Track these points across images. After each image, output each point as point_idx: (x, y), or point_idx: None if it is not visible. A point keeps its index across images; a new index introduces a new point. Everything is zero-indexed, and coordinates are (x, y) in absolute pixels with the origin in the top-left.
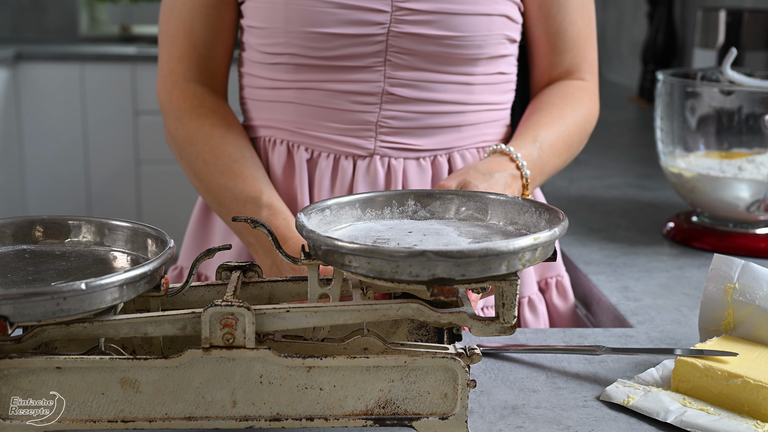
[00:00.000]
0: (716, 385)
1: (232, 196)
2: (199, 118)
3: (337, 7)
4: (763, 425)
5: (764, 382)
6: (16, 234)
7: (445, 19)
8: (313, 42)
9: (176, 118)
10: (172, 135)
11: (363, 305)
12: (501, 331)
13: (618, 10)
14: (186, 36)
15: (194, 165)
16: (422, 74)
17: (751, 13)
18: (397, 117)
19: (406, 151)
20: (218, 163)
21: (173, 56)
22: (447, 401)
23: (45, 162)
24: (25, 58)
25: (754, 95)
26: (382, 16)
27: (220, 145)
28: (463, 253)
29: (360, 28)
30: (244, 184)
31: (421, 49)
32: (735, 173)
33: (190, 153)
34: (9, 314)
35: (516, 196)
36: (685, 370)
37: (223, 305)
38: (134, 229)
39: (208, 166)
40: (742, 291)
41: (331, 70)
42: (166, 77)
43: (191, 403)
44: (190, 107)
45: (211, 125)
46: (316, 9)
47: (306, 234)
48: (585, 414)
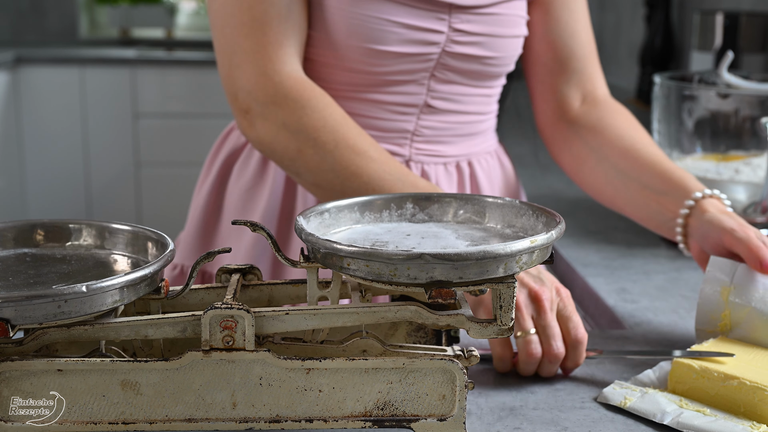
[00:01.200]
0: (712, 387)
1: (391, 179)
2: (327, 105)
3: (400, 27)
4: (759, 426)
5: (760, 383)
6: (17, 237)
7: (491, 41)
8: (370, 57)
9: (300, 107)
10: (292, 127)
11: (362, 308)
12: (498, 332)
13: (616, 13)
14: (282, 20)
15: (336, 151)
16: (458, 88)
17: (748, 16)
18: (431, 126)
19: (435, 157)
20: (372, 148)
21: (271, 43)
22: (445, 403)
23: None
24: (25, 62)
25: (750, 98)
26: (440, 37)
27: (360, 133)
28: (460, 256)
29: (418, 47)
30: (403, 172)
31: (465, 67)
32: (732, 176)
33: (327, 140)
34: (10, 317)
35: (513, 199)
36: (681, 372)
37: (223, 308)
38: (134, 232)
39: (356, 153)
40: (738, 293)
41: (380, 83)
42: (265, 67)
43: (191, 405)
44: (312, 95)
45: (342, 114)
46: (379, 27)
47: (305, 237)
48: (582, 415)
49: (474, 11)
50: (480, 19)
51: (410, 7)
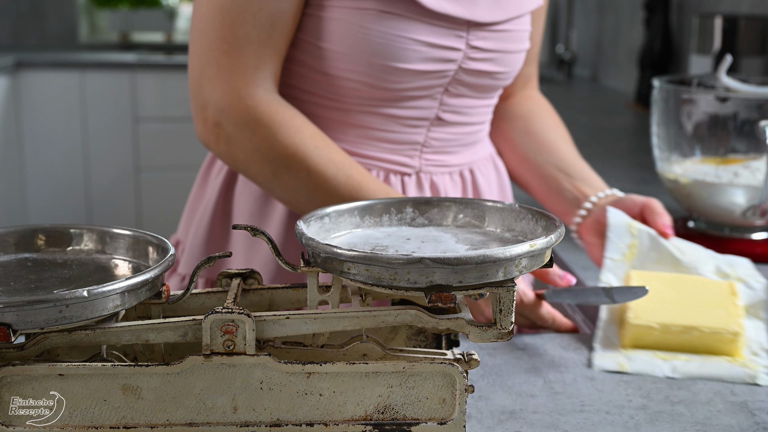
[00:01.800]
0: (674, 338)
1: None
2: (298, 130)
3: (422, 45)
4: (736, 360)
5: (716, 327)
6: (18, 243)
7: (502, 56)
8: (391, 75)
9: (272, 134)
10: (265, 152)
11: (362, 312)
12: (498, 336)
13: (615, 16)
14: (262, 44)
15: (309, 178)
16: (467, 101)
17: (747, 20)
18: (440, 138)
19: (442, 167)
20: (340, 174)
21: (248, 66)
22: (445, 406)
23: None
24: (25, 66)
25: (749, 101)
26: (457, 54)
27: (335, 154)
28: (460, 260)
29: (437, 64)
30: (377, 191)
31: (477, 82)
32: (731, 179)
33: (300, 167)
34: (12, 322)
35: (512, 203)
36: (641, 332)
37: (224, 312)
38: (135, 237)
39: (327, 179)
40: (645, 230)
41: (396, 99)
42: (239, 89)
43: (192, 410)
44: (283, 119)
45: (312, 136)
46: (403, 46)
47: (305, 241)
48: (582, 418)
49: (490, 28)
50: (494, 36)
51: (432, 25)
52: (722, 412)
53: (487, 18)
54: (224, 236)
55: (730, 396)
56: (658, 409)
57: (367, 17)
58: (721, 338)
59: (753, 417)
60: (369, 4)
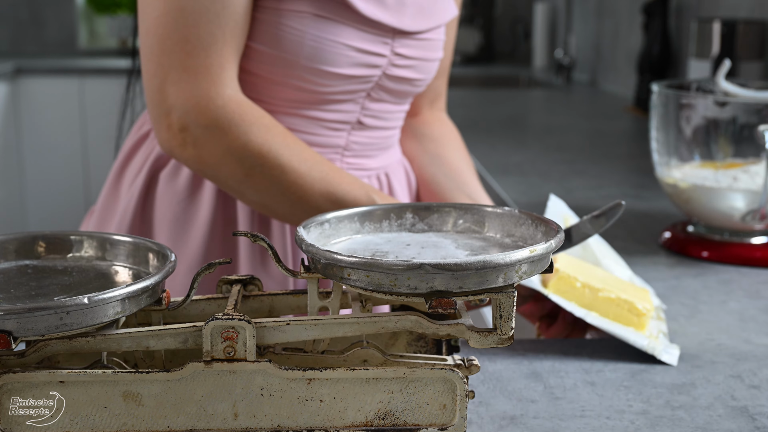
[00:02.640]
0: (591, 297)
1: (341, 199)
2: (269, 129)
3: (353, 50)
4: (644, 331)
5: (630, 300)
6: (18, 249)
7: (422, 64)
8: (320, 78)
9: (243, 133)
10: (237, 153)
11: (362, 318)
12: (499, 342)
13: (613, 21)
14: (226, 43)
15: (283, 176)
16: (386, 106)
17: (746, 24)
18: (360, 142)
19: (361, 171)
20: (314, 170)
21: (214, 66)
22: (446, 412)
23: (45, 175)
24: (25, 72)
25: (748, 106)
26: (382, 60)
27: (305, 151)
28: (460, 266)
29: (363, 69)
30: (352, 186)
31: (398, 88)
32: (730, 183)
33: (273, 165)
34: (12, 329)
35: (512, 209)
36: (564, 283)
37: (224, 319)
38: (135, 244)
39: (301, 176)
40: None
41: (321, 102)
42: (207, 90)
43: (193, 416)
44: (253, 118)
45: (282, 134)
46: (335, 50)
47: (305, 248)
48: (583, 424)
49: (414, 36)
50: (416, 44)
51: (362, 31)
52: (723, 417)
53: (412, 27)
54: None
55: (731, 401)
56: (658, 414)
57: (303, 20)
58: (632, 308)
59: (753, 422)
60: (304, 7)
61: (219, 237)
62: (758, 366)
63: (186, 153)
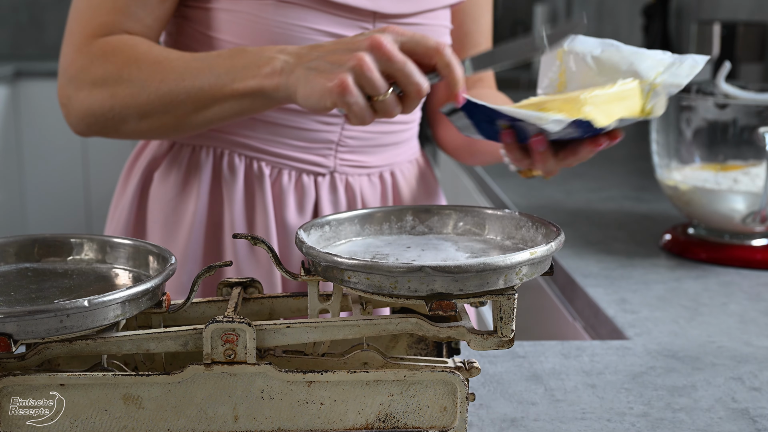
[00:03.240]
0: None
1: (215, 68)
2: (128, 47)
3: (323, 35)
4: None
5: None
6: (18, 252)
7: None
8: None
9: (102, 61)
10: (99, 79)
11: (363, 320)
12: (499, 344)
13: (613, 23)
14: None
15: (141, 73)
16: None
17: (746, 26)
18: (355, 137)
19: (359, 168)
20: (168, 53)
21: (96, 26)
22: (446, 414)
23: (44, 178)
24: (25, 75)
25: (748, 108)
26: None
27: (164, 50)
28: (460, 268)
29: None
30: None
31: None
32: (730, 185)
33: (131, 71)
34: (13, 332)
35: (512, 211)
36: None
37: (225, 321)
38: (136, 247)
39: (159, 62)
40: (570, 49)
41: None
42: (80, 45)
43: (193, 419)
44: (115, 45)
45: (141, 43)
46: (303, 36)
47: (306, 250)
48: (583, 426)
49: (398, 20)
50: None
51: (334, 15)
52: (723, 419)
53: (393, 9)
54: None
55: (732, 403)
56: (659, 416)
57: (265, 7)
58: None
59: (754, 424)
60: None
61: (204, 238)
62: (759, 368)
63: (71, 119)
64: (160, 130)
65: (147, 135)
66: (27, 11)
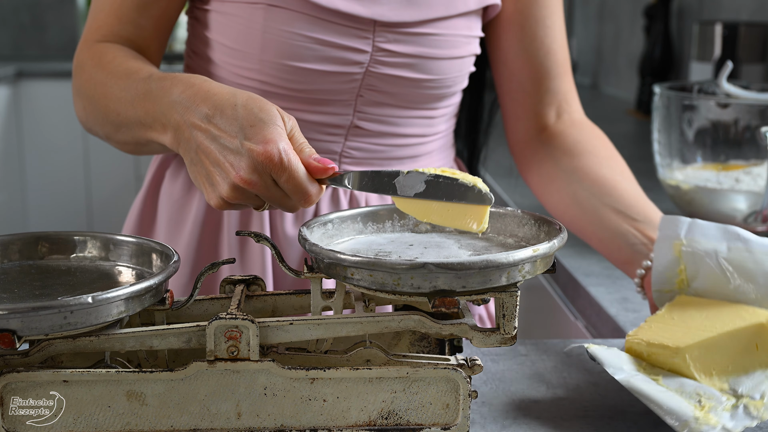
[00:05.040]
0: (665, 361)
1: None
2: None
3: (317, 43)
4: (704, 406)
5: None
6: (22, 250)
7: (422, 62)
8: (287, 74)
9: (79, 72)
10: (76, 89)
11: (365, 317)
12: (502, 341)
13: (615, 24)
14: (112, 11)
15: (97, 102)
16: (391, 110)
17: (747, 26)
18: (361, 149)
19: None
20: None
21: (97, 26)
22: (449, 412)
23: (46, 179)
24: (26, 76)
25: (750, 108)
26: (362, 56)
27: (121, 68)
28: (463, 265)
29: (339, 66)
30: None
31: (395, 90)
32: (732, 185)
33: (91, 93)
34: (16, 328)
35: (515, 209)
36: (634, 348)
37: (228, 318)
38: (139, 244)
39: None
40: (690, 244)
41: (302, 101)
42: (81, 49)
43: (196, 416)
44: (94, 54)
45: (119, 52)
46: (295, 42)
47: (309, 247)
48: (586, 424)
49: (400, 30)
50: (408, 39)
51: (329, 22)
52: None
53: (394, 17)
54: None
55: None
56: None
57: (255, 11)
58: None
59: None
60: None
61: (207, 238)
62: None
63: (78, 113)
64: (125, 147)
65: (122, 148)
66: (28, 12)
